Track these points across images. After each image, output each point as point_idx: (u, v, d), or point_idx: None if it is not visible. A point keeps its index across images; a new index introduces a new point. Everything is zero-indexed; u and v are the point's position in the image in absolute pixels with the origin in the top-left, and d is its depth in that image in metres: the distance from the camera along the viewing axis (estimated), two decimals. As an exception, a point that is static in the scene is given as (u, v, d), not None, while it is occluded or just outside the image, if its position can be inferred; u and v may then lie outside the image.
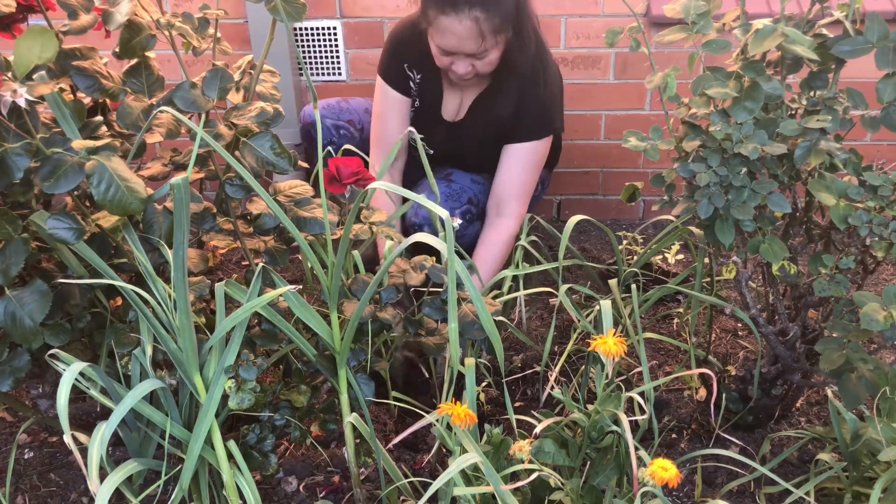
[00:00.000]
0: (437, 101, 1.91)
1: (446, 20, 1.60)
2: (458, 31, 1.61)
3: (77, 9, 1.11)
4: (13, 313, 1.05)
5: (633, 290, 1.49)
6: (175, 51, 1.14)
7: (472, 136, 1.90)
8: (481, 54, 1.67)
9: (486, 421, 1.52)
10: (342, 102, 2.09)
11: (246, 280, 1.17)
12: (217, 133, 1.11)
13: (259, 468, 1.21)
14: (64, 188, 0.95)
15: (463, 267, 1.07)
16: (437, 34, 1.66)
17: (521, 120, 1.83)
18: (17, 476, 1.40)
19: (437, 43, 1.68)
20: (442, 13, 1.60)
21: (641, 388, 1.20)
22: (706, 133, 1.18)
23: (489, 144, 1.88)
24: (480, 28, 1.60)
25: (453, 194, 1.90)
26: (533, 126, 1.83)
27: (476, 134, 1.90)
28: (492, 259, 1.80)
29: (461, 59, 1.69)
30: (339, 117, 2.06)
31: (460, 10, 1.58)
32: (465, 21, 1.59)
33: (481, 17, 1.58)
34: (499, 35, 1.64)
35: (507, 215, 1.84)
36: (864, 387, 1.12)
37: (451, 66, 1.71)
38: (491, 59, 1.69)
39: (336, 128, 2.05)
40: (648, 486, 0.91)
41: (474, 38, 1.61)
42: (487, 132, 1.87)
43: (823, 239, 1.29)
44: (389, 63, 1.87)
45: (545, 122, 1.85)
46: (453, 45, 1.64)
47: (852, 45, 1.08)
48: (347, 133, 2.06)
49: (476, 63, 1.70)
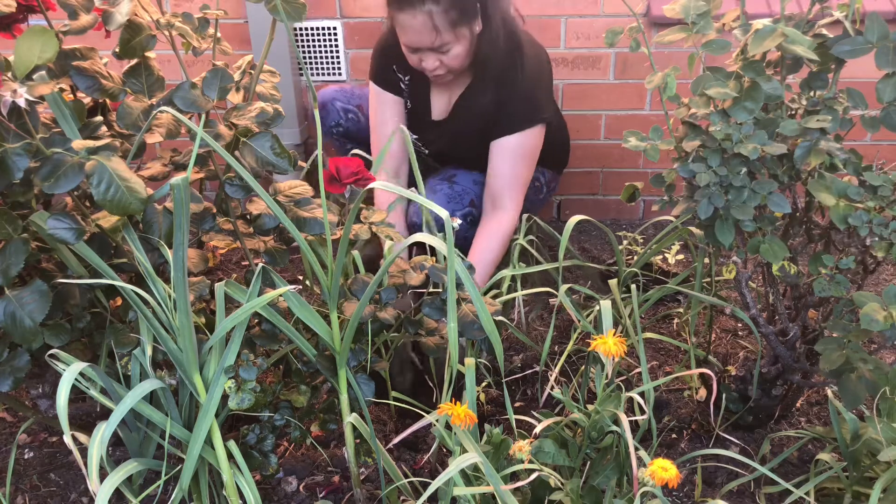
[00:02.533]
0: (426, 101, 1.93)
1: (402, 16, 1.65)
2: (413, 25, 1.65)
3: (77, 9, 1.11)
4: (13, 313, 1.05)
5: (632, 291, 1.49)
6: (175, 51, 1.14)
7: (460, 133, 1.91)
8: (443, 48, 1.69)
9: (486, 421, 1.52)
10: (356, 89, 2.15)
11: (246, 280, 1.17)
12: (217, 133, 1.11)
13: (259, 468, 1.21)
14: (64, 188, 0.95)
15: (463, 267, 1.07)
16: (399, 32, 1.70)
17: (503, 112, 1.82)
18: (17, 476, 1.40)
19: (402, 41, 1.72)
20: (399, 10, 1.65)
21: (641, 388, 1.20)
22: (706, 133, 1.18)
23: (479, 140, 1.88)
24: (434, 22, 1.63)
25: (455, 196, 1.89)
26: (516, 117, 1.82)
27: (463, 131, 1.90)
28: (489, 249, 1.79)
29: (426, 54, 1.72)
30: (349, 101, 2.11)
31: (415, 5, 1.62)
32: (419, 16, 1.62)
33: (434, 10, 1.61)
34: (458, 28, 1.66)
35: (503, 208, 1.83)
36: (864, 387, 1.12)
37: (421, 64, 1.74)
38: (456, 52, 1.71)
39: (345, 111, 2.10)
40: (648, 486, 0.91)
41: (428, 31, 1.64)
42: (473, 128, 1.87)
43: (823, 239, 1.29)
44: (379, 66, 1.91)
45: (529, 112, 1.83)
46: (412, 40, 1.68)
47: (852, 45, 1.08)
48: (355, 117, 2.11)
49: (442, 58, 1.72)
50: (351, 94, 2.12)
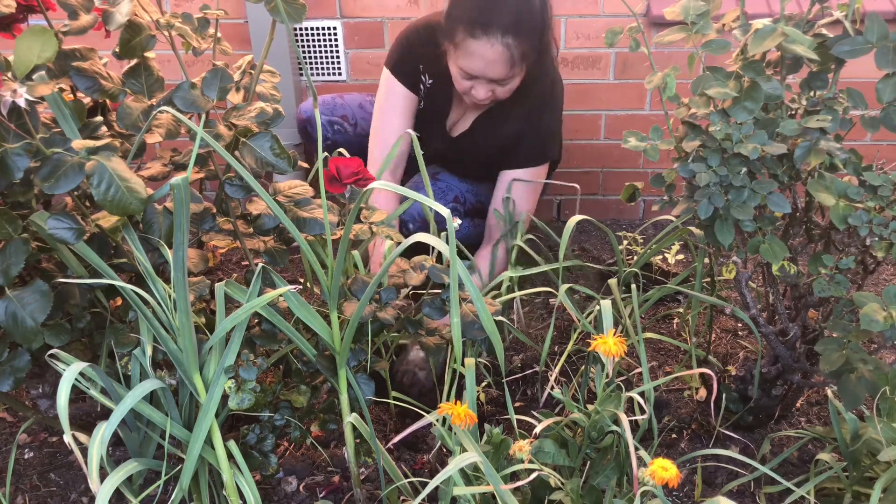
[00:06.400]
0: (444, 109, 1.89)
1: (475, 44, 1.55)
2: (487, 56, 1.55)
3: (77, 9, 1.11)
4: (14, 313, 1.05)
5: (633, 290, 1.49)
6: (175, 51, 1.14)
7: (472, 151, 1.90)
8: (505, 81, 1.63)
9: (486, 421, 1.52)
10: (336, 98, 2.09)
11: (246, 280, 1.17)
12: (217, 133, 1.11)
13: (259, 468, 1.21)
14: (64, 188, 0.95)
15: (463, 266, 1.07)
16: (462, 56, 1.60)
17: (521, 145, 1.82)
18: (17, 476, 1.40)
19: (462, 65, 1.61)
20: (472, 36, 1.54)
21: (641, 388, 1.20)
22: (706, 133, 1.18)
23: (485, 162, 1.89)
24: (511, 54, 1.55)
25: (439, 192, 1.90)
26: (535, 153, 1.84)
27: (476, 151, 1.89)
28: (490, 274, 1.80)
29: (482, 83, 1.64)
30: (333, 113, 2.06)
31: (492, 35, 1.52)
32: (498, 47, 1.54)
33: (513, 43, 1.53)
34: (525, 62, 1.60)
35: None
36: (864, 387, 1.12)
37: (471, 91, 1.66)
38: (512, 86, 1.66)
39: (330, 123, 2.05)
40: (648, 485, 0.91)
41: (504, 63, 1.56)
42: (488, 152, 1.86)
43: (823, 239, 1.29)
44: (402, 57, 1.81)
45: (544, 150, 1.85)
46: (479, 69, 1.59)
47: (852, 45, 1.08)
48: (341, 129, 2.06)
49: (497, 89, 1.65)
50: (334, 106, 2.07)
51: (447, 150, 1.93)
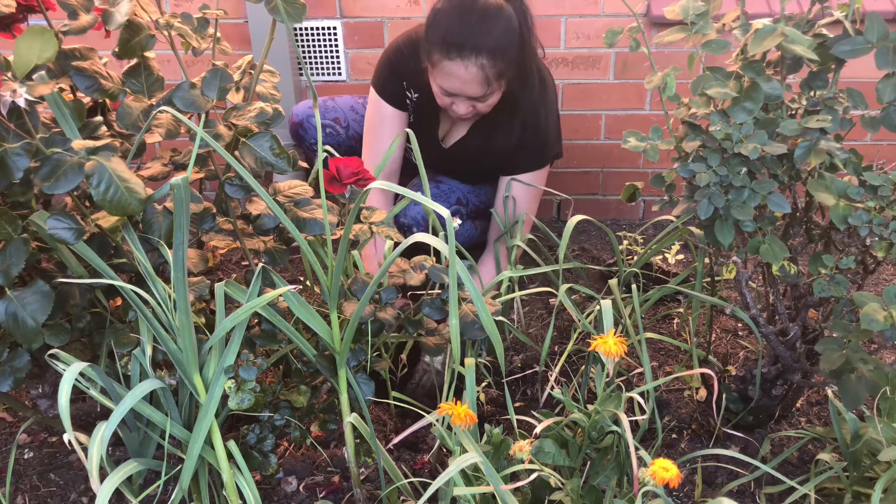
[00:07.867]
0: (433, 122, 1.90)
1: (451, 65, 1.57)
2: (462, 76, 1.58)
3: (77, 9, 1.11)
4: (15, 314, 1.05)
5: (633, 290, 1.49)
6: (175, 51, 1.14)
7: (467, 161, 1.91)
8: (483, 97, 1.64)
9: (486, 421, 1.52)
10: (328, 101, 2.09)
11: (246, 280, 1.17)
12: (217, 133, 1.11)
13: (259, 468, 1.21)
14: (64, 188, 0.95)
15: (463, 267, 1.07)
16: (439, 76, 1.62)
17: (521, 152, 1.83)
18: (17, 476, 1.40)
19: (440, 84, 1.64)
20: (447, 57, 1.56)
21: (642, 388, 1.20)
22: (706, 133, 1.18)
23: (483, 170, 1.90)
24: (486, 74, 1.57)
25: (441, 194, 1.90)
26: (534, 157, 1.84)
27: (471, 160, 1.90)
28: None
29: (462, 100, 1.66)
30: (325, 115, 2.06)
31: (466, 57, 1.54)
32: (472, 68, 1.56)
33: (487, 64, 1.55)
34: (502, 78, 1.62)
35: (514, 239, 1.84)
36: (864, 387, 1.12)
37: (452, 106, 1.68)
38: (492, 101, 1.67)
39: (322, 126, 2.04)
40: (649, 485, 0.91)
41: (479, 83, 1.58)
42: (484, 162, 1.87)
43: (823, 239, 1.29)
44: (386, 78, 1.83)
45: (544, 155, 1.86)
46: (456, 88, 1.61)
47: (852, 45, 1.07)
48: (333, 132, 2.06)
49: (477, 105, 1.67)
50: (325, 108, 2.07)
51: (442, 159, 1.93)
